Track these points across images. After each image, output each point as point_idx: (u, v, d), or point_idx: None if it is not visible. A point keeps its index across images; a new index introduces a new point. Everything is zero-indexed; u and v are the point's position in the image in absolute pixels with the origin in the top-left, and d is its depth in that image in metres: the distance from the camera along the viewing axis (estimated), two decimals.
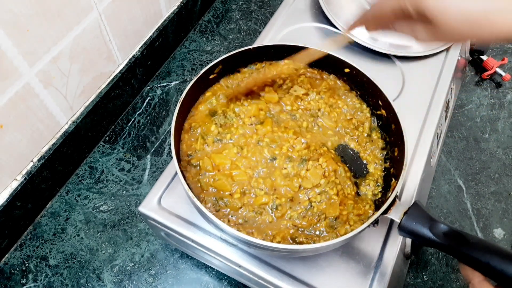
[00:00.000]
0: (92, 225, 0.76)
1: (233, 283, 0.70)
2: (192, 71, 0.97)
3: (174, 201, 0.62)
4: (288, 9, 0.87)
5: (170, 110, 0.91)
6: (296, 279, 0.56)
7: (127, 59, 0.87)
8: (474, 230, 0.76)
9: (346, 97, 0.66)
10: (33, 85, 0.66)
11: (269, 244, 0.47)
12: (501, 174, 0.82)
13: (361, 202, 0.57)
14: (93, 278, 0.71)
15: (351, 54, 0.79)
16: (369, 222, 0.49)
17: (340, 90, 0.67)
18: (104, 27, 0.77)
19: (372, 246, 0.58)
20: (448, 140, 0.87)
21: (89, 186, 0.80)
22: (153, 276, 0.71)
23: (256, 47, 0.65)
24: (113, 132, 0.88)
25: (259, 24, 1.06)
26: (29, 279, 0.70)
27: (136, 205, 0.78)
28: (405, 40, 0.77)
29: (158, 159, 0.84)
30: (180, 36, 1.01)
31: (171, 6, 0.95)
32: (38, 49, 0.65)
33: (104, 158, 0.84)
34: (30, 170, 0.72)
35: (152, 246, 0.74)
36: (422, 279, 0.71)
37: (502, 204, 0.79)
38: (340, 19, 0.80)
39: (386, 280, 0.55)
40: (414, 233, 0.48)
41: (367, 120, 0.64)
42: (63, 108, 0.75)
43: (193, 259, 0.72)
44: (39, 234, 0.75)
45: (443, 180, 0.82)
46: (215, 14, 1.08)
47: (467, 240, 0.45)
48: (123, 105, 0.90)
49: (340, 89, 0.67)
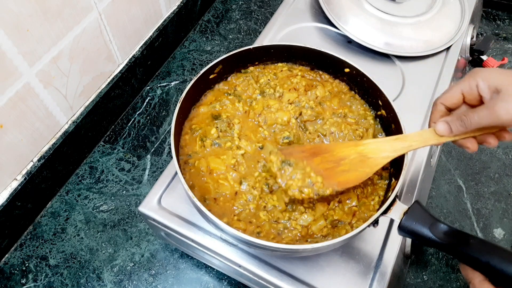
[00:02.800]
0: (92, 225, 0.76)
1: (233, 283, 0.70)
2: (192, 71, 0.97)
3: (174, 201, 0.62)
4: (288, 9, 0.87)
5: (170, 110, 0.91)
6: (296, 279, 0.56)
7: (127, 59, 0.87)
8: (474, 230, 0.76)
9: (351, 103, 0.65)
10: (33, 85, 0.66)
11: (269, 244, 0.47)
12: (501, 174, 0.82)
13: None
14: (93, 278, 0.71)
15: (351, 54, 0.79)
16: (369, 222, 0.49)
17: (346, 96, 0.66)
18: (104, 27, 0.77)
19: (372, 246, 0.58)
20: None
21: (89, 186, 0.80)
22: (153, 276, 0.71)
23: (256, 47, 0.65)
24: (113, 132, 0.88)
25: (259, 24, 1.06)
26: (29, 279, 0.70)
27: (136, 205, 0.78)
28: (405, 39, 0.77)
29: (158, 159, 0.84)
30: (180, 36, 1.01)
31: (171, 6, 0.95)
32: (38, 49, 0.65)
33: (104, 158, 0.84)
34: (30, 170, 0.72)
35: (152, 246, 0.74)
36: (422, 279, 0.71)
37: (502, 204, 0.79)
38: (340, 19, 0.80)
39: (386, 280, 0.55)
40: (414, 233, 0.48)
41: (371, 126, 0.63)
42: (63, 108, 0.75)
43: (193, 259, 0.72)
44: (39, 234, 0.75)
45: (443, 180, 0.82)
46: (215, 14, 1.08)
47: (467, 240, 0.45)
48: (123, 105, 0.90)
49: (346, 94, 0.66)
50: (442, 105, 0.51)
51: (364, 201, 0.56)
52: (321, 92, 0.65)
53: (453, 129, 0.49)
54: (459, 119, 0.48)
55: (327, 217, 0.55)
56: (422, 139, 0.51)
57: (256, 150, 0.60)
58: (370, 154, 0.54)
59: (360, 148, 0.54)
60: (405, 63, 0.78)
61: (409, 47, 0.77)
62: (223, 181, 0.57)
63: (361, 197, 0.56)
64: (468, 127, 0.47)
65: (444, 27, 0.80)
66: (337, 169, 0.55)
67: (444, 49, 0.79)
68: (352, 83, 0.66)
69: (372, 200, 0.57)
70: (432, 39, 0.78)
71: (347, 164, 0.54)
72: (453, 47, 0.80)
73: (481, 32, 1.05)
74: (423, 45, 0.77)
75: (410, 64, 0.77)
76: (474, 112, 0.46)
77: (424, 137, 0.51)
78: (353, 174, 0.54)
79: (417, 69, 0.77)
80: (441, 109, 0.51)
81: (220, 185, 0.57)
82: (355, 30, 0.78)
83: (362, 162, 0.54)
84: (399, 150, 0.53)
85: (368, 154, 0.54)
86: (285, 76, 0.67)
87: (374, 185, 0.58)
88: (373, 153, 0.54)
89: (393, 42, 0.77)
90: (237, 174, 0.57)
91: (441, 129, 0.49)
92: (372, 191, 0.57)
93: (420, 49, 0.77)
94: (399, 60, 0.78)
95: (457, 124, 0.48)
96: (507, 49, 1.03)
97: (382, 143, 0.54)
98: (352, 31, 0.78)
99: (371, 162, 0.54)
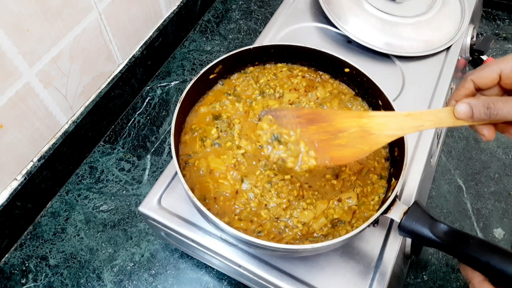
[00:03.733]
0: (92, 225, 0.76)
1: (233, 283, 0.70)
2: (192, 71, 0.97)
3: (174, 201, 0.62)
4: (288, 9, 0.87)
5: (170, 110, 0.91)
6: (296, 279, 0.56)
7: (127, 59, 0.87)
8: (474, 230, 0.76)
9: (352, 104, 0.65)
10: (33, 85, 0.66)
11: (269, 244, 0.47)
12: (501, 174, 0.82)
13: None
14: (93, 278, 0.71)
15: (351, 54, 0.79)
16: (369, 222, 0.49)
17: (346, 97, 0.66)
18: (104, 27, 0.77)
19: (372, 246, 0.58)
20: (448, 140, 0.87)
21: (89, 186, 0.80)
22: (153, 276, 0.71)
23: (256, 47, 0.65)
24: (113, 132, 0.88)
25: (259, 24, 1.06)
26: (29, 279, 0.70)
27: (136, 205, 0.78)
28: (405, 39, 0.77)
29: (158, 159, 0.84)
30: (180, 36, 1.01)
31: (171, 6, 0.95)
32: (38, 49, 0.65)
33: (104, 158, 0.84)
34: (30, 170, 0.72)
35: (152, 246, 0.74)
36: (422, 279, 0.71)
37: (502, 204, 0.79)
38: (340, 19, 0.80)
39: (386, 280, 0.55)
40: (414, 233, 0.48)
41: None
42: (63, 108, 0.75)
43: (193, 259, 0.72)
44: (39, 234, 0.75)
45: (443, 180, 0.82)
46: (215, 14, 1.08)
47: (467, 240, 0.45)
48: (123, 105, 0.90)
49: (346, 95, 0.66)
50: (472, 82, 0.44)
51: (364, 201, 0.56)
52: (321, 93, 0.65)
53: (475, 114, 0.42)
54: (485, 106, 0.41)
55: (327, 215, 0.55)
56: (437, 119, 0.45)
57: (257, 149, 0.60)
58: (374, 129, 0.48)
59: (364, 121, 0.49)
60: (405, 63, 0.78)
61: (409, 47, 0.77)
62: (223, 180, 0.57)
63: (360, 196, 0.56)
64: (492, 117, 0.41)
65: (444, 27, 0.80)
66: (333, 142, 0.50)
67: (444, 49, 0.79)
68: (352, 83, 0.66)
69: (372, 199, 0.57)
70: (432, 39, 0.78)
71: (345, 138, 0.49)
72: (453, 47, 0.80)
73: (481, 32, 1.05)
74: (423, 45, 0.77)
75: (410, 64, 0.77)
76: (505, 102, 0.40)
77: (439, 117, 0.45)
78: (349, 150, 0.49)
79: (417, 69, 0.77)
80: (470, 87, 0.45)
81: (220, 185, 0.57)
82: (355, 30, 0.78)
83: (362, 138, 0.49)
84: (407, 129, 0.47)
85: (371, 129, 0.48)
86: (285, 76, 0.67)
87: (374, 184, 0.58)
88: (377, 129, 0.48)
89: (393, 42, 0.77)
90: (237, 173, 0.57)
91: (461, 111, 0.43)
92: (372, 191, 0.57)
93: (420, 49, 0.77)
94: (399, 60, 0.78)
95: (481, 111, 0.42)
96: (507, 49, 1.03)
97: (390, 119, 0.48)
98: (352, 31, 0.78)
99: (372, 139, 0.48)
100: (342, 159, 0.50)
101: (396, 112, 0.48)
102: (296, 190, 0.56)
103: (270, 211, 0.55)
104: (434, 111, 0.46)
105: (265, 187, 0.56)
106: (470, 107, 0.42)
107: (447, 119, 0.45)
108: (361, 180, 0.58)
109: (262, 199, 0.56)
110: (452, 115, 0.44)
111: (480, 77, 0.44)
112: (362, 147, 0.49)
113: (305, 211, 0.55)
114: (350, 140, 0.49)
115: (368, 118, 0.49)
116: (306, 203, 0.56)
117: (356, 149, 0.49)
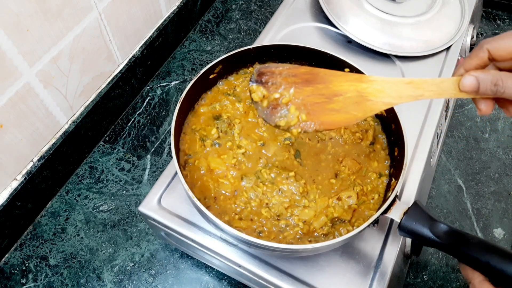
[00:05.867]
0: (92, 225, 0.76)
1: (233, 283, 0.70)
2: (192, 71, 0.97)
3: (174, 201, 0.62)
4: (288, 9, 0.87)
5: (170, 110, 0.91)
6: (296, 279, 0.56)
7: (127, 59, 0.87)
8: (474, 230, 0.76)
9: None
10: (33, 85, 0.66)
11: (269, 244, 0.47)
12: (501, 174, 0.82)
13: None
14: (93, 278, 0.71)
15: (351, 53, 0.79)
16: (369, 222, 0.49)
17: None
18: (104, 27, 0.77)
19: (372, 246, 0.58)
20: (448, 140, 0.87)
21: (89, 186, 0.80)
22: (153, 276, 0.71)
23: (256, 47, 0.65)
24: (113, 132, 0.88)
25: (259, 24, 1.06)
26: (29, 279, 0.70)
27: (136, 205, 0.78)
28: (405, 39, 0.77)
29: (158, 159, 0.84)
30: (180, 36, 1.01)
31: (171, 6, 0.95)
32: (38, 49, 0.65)
33: (104, 158, 0.84)
34: (30, 170, 0.72)
35: (152, 246, 0.74)
36: (422, 279, 0.71)
37: (502, 204, 0.79)
38: (340, 19, 0.80)
39: (386, 280, 0.55)
40: (414, 233, 0.48)
41: (370, 128, 0.63)
42: (63, 108, 0.75)
43: (193, 259, 0.72)
44: (39, 234, 0.75)
45: (443, 180, 0.82)
46: (215, 14, 1.08)
47: (467, 240, 0.45)
48: (123, 105, 0.90)
49: None
50: (487, 52, 0.41)
51: (364, 199, 0.56)
52: None
53: (481, 89, 0.40)
54: (492, 83, 0.39)
55: (327, 214, 0.55)
56: (439, 89, 0.43)
57: (257, 148, 0.60)
58: (371, 95, 0.47)
59: (363, 86, 0.47)
60: (405, 63, 0.78)
61: (409, 47, 0.77)
62: (223, 180, 0.57)
63: (360, 195, 0.56)
64: (498, 95, 0.39)
65: (444, 27, 0.80)
66: (327, 106, 0.48)
67: (444, 49, 0.79)
68: None
69: (372, 198, 0.57)
70: (432, 39, 0.78)
71: (340, 102, 0.47)
72: (453, 47, 0.80)
73: (481, 32, 1.05)
74: (423, 45, 0.77)
75: (410, 64, 0.77)
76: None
77: (442, 88, 0.43)
78: (341, 115, 0.48)
79: (417, 69, 0.77)
80: (484, 57, 0.42)
81: (220, 184, 0.57)
82: (355, 30, 0.78)
83: (357, 103, 0.47)
84: (405, 98, 0.45)
85: (369, 95, 0.47)
86: None
87: (373, 183, 0.58)
88: (375, 95, 0.46)
89: (393, 42, 0.77)
90: (238, 172, 0.57)
91: (467, 83, 0.40)
92: (371, 190, 0.57)
93: (420, 49, 0.77)
94: (399, 60, 0.78)
95: (488, 86, 0.39)
96: None
97: (390, 85, 0.46)
98: (352, 31, 0.78)
99: (368, 105, 0.47)
100: (333, 124, 0.48)
101: (398, 78, 0.46)
102: (302, 187, 0.56)
103: (271, 209, 0.55)
104: (437, 80, 0.43)
105: (268, 185, 0.56)
106: (477, 81, 0.40)
107: (450, 90, 0.42)
108: (360, 179, 0.58)
109: (264, 197, 0.56)
110: (456, 87, 0.42)
111: (497, 47, 0.41)
112: (355, 113, 0.47)
113: (305, 209, 0.55)
114: (344, 105, 0.47)
115: (367, 83, 0.47)
116: (309, 200, 0.56)
117: (349, 115, 0.47)
